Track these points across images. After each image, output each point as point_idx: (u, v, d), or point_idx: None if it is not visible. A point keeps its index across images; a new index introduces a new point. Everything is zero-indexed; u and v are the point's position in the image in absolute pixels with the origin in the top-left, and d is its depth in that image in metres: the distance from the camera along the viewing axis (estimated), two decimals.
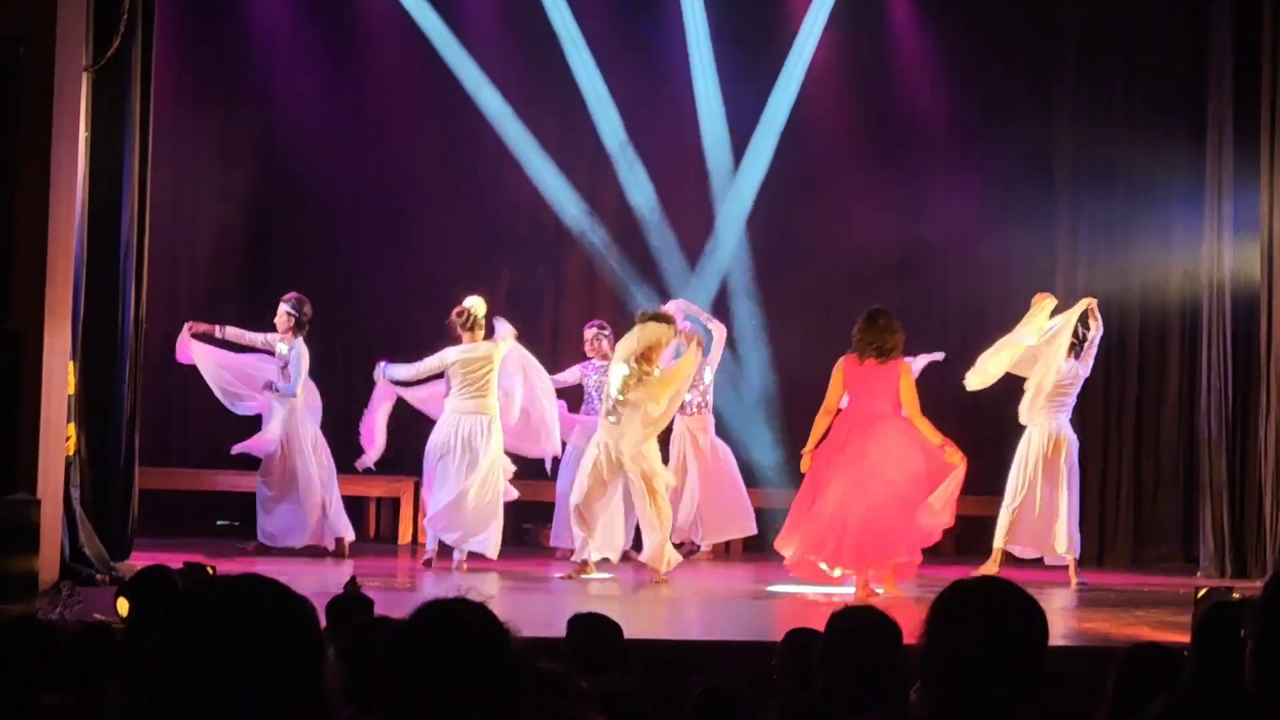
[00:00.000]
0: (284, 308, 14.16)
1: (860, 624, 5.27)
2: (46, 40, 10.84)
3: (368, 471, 14.69)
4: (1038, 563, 14.40)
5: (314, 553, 14.08)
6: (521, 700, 3.24)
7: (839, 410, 12.81)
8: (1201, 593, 10.20)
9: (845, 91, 17.13)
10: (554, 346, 16.37)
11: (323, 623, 6.68)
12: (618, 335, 14.15)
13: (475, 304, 13.82)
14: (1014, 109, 17.18)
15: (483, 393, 13.70)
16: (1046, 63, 16.97)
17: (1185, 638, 7.46)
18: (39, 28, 10.82)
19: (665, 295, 16.11)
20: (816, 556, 12.57)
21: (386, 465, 15.36)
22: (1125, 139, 16.42)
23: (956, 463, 12.53)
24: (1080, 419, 15.93)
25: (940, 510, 12.52)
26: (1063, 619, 11.52)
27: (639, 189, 16.87)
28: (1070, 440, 14.04)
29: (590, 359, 14.87)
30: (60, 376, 11.27)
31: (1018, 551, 14.28)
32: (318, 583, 10.89)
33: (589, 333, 14.93)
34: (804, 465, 12.72)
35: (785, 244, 17.16)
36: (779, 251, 17.17)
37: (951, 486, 12.52)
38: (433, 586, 12.47)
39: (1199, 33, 16.12)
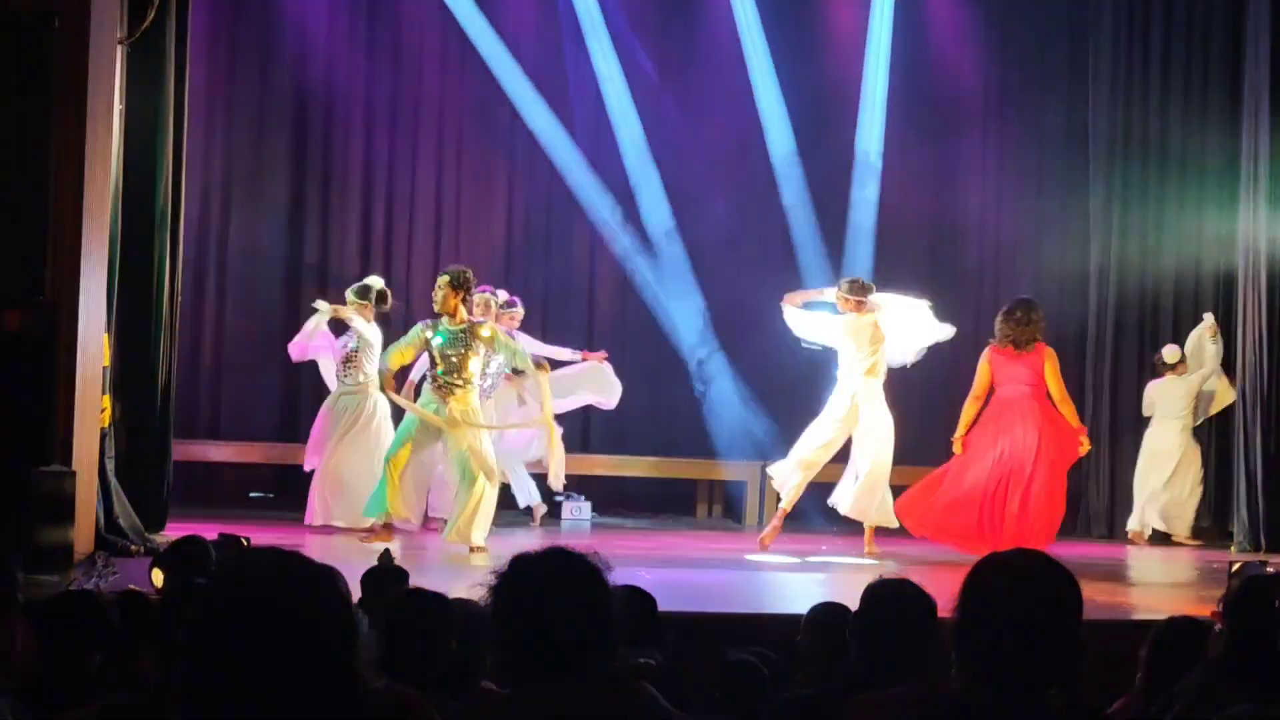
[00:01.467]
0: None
1: (896, 596, 5.29)
2: (81, 14, 10.85)
3: None
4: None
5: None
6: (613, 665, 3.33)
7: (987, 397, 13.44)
8: (1236, 566, 10.18)
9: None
10: (590, 338, 16.51)
11: (356, 594, 6.74)
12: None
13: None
14: (1050, 78, 17.14)
15: None
16: (1083, 32, 16.89)
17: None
18: (74, 1, 10.83)
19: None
20: (967, 543, 12.92)
21: None
22: (1161, 108, 16.35)
23: (1081, 450, 13.37)
24: (1113, 395, 15.97)
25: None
26: (1096, 593, 11.49)
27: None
28: None
29: None
30: (95, 348, 11.31)
31: None
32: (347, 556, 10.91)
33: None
34: (956, 448, 13.40)
35: (821, 216, 17.12)
36: (817, 223, 17.14)
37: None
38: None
39: (1236, 1, 16.03)
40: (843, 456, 13.67)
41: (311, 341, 14.40)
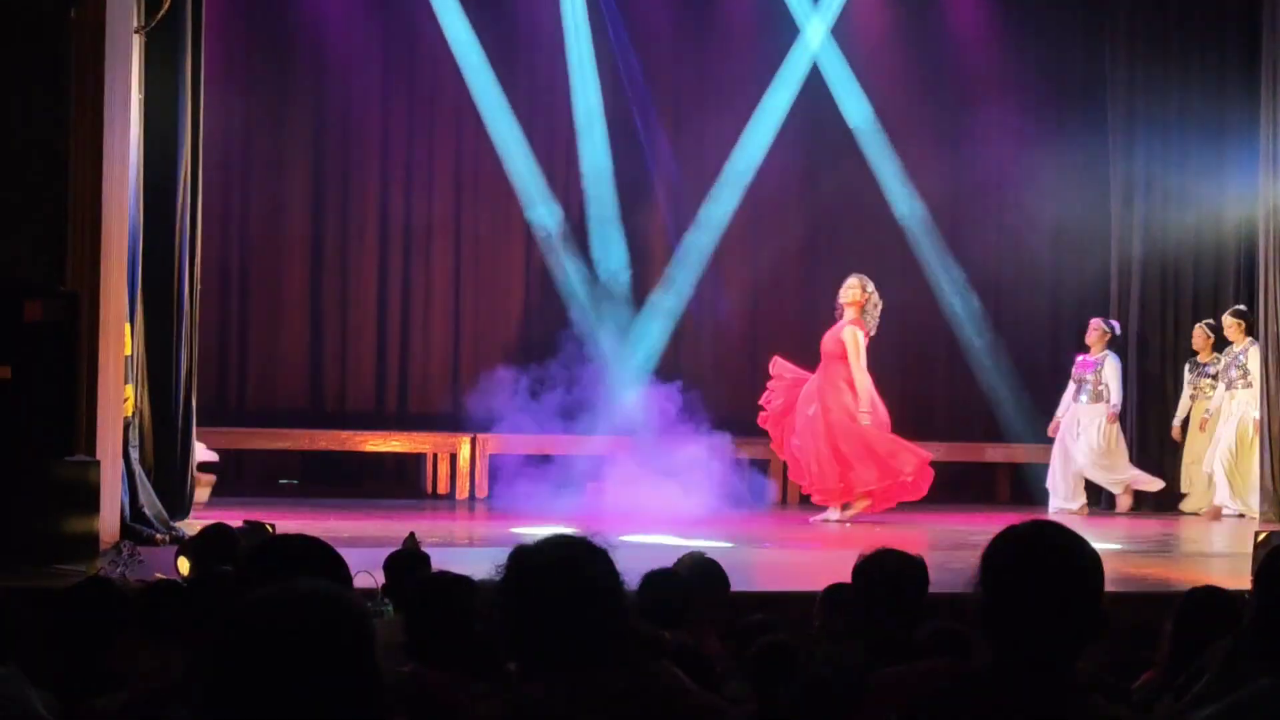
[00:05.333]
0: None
1: (887, 566, 5.44)
2: (98, 3, 10.84)
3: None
4: None
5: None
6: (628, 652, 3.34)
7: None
8: (1261, 537, 10.16)
9: (893, 33, 17.01)
10: None
11: (382, 579, 6.75)
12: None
13: None
14: (1067, 48, 17.09)
15: None
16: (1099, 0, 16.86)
17: (1246, 583, 7.43)
18: None
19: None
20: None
21: (444, 422, 15.49)
22: (1180, 78, 16.31)
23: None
24: (1139, 365, 15.96)
25: None
26: (1123, 565, 11.48)
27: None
28: None
29: None
30: (117, 338, 11.33)
31: None
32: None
33: None
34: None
35: (835, 195, 17.08)
36: (829, 204, 17.11)
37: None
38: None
39: None
40: None
41: None
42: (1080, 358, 15.92)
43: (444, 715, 4.21)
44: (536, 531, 3.58)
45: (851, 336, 14.07)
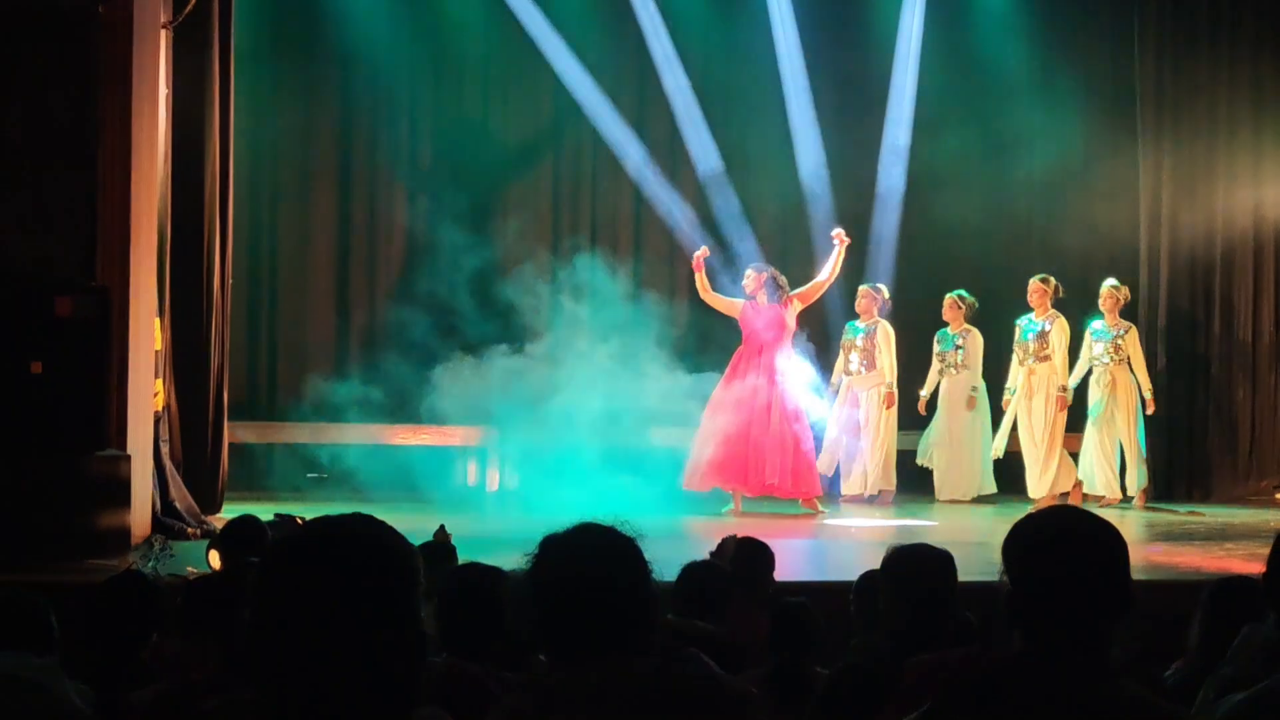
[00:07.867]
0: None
1: (917, 559, 5.45)
2: None
3: None
4: None
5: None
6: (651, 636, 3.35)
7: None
8: None
9: (922, 40, 16.96)
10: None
11: None
12: None
13: None
14: (1095, 38, 17.02)
15: None
16: None
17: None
18: None
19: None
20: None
21: (474, 415, 15.49)
22: (1209, 70, 16.24)
23: None
24: (1175, 356, 15.88)
25: None
26: (1153, 553, 11.48)
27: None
28: None
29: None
30: (147, 333, 11.37)
31: None
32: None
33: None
34: None
35: (868, 196, 17.01)
36: (865, 206, 17.03)
37: None
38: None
39: None
40: None
41: None
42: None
43: (475, 705, 4.21)
44: (565, 522, 3.56)
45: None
